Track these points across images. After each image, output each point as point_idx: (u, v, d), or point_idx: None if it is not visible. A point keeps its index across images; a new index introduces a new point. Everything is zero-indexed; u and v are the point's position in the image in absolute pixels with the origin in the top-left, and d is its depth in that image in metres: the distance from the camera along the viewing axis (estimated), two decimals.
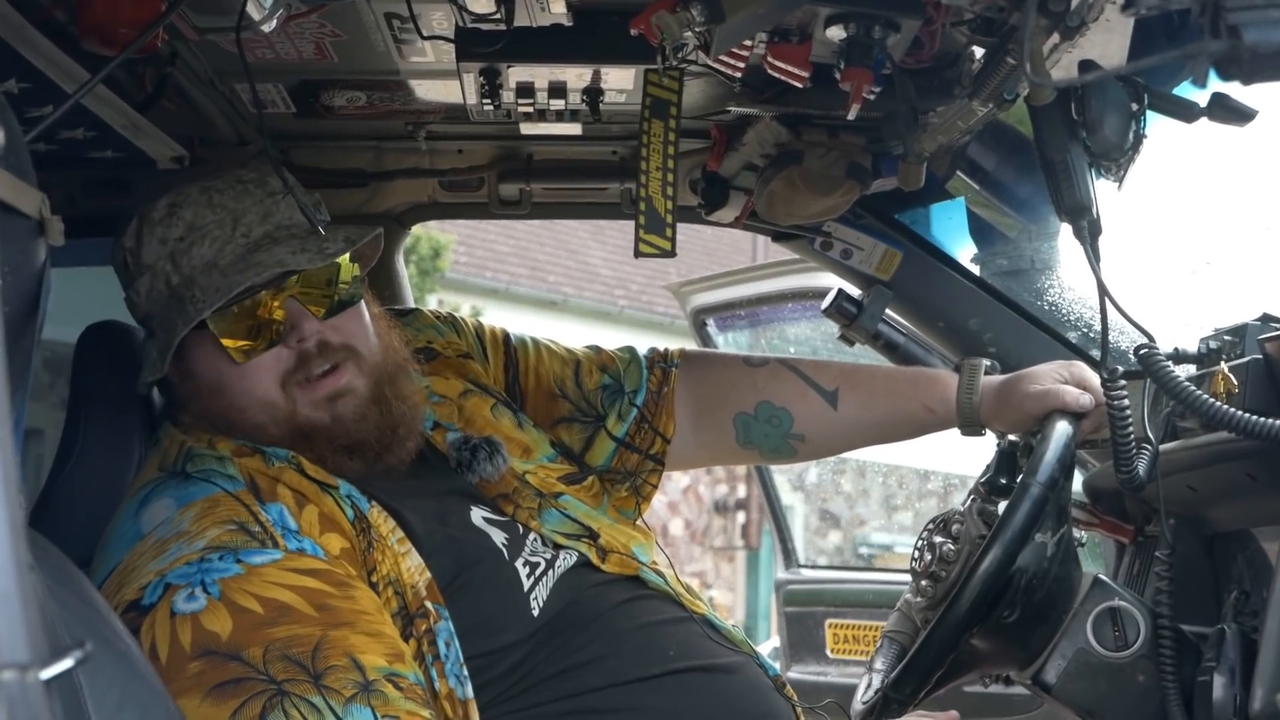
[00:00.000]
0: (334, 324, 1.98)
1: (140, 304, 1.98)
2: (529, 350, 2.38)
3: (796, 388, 2.36)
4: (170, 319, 1.92)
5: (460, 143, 2.73)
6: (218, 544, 1.76)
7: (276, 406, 1.94)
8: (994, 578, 1.91)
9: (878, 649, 2.25)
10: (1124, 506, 2.42)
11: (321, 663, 1.67)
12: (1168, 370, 1.94)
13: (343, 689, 1.65)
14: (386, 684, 1.68)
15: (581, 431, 2.33)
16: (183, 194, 1.95)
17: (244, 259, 1.92)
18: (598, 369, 2.39)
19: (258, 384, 1.94)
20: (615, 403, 2.35)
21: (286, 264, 1.92)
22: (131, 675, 1.29)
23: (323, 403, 1.95)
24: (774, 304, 4.43)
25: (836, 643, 4.31)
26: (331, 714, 1.63)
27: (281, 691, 1.64)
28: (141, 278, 1.96)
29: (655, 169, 2.08)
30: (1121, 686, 2.01)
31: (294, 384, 1.95)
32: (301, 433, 1.95)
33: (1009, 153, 2.68)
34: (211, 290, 1.89)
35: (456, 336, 2.33)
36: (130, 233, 1.97)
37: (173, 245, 1.93)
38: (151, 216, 1.95)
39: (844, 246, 2.77)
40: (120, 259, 1.99)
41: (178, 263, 1.93)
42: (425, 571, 1.88)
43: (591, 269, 17.78)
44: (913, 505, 13.94)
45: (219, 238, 1.93)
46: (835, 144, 2.37)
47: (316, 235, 1.97)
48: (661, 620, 2.01)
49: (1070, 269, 2.92)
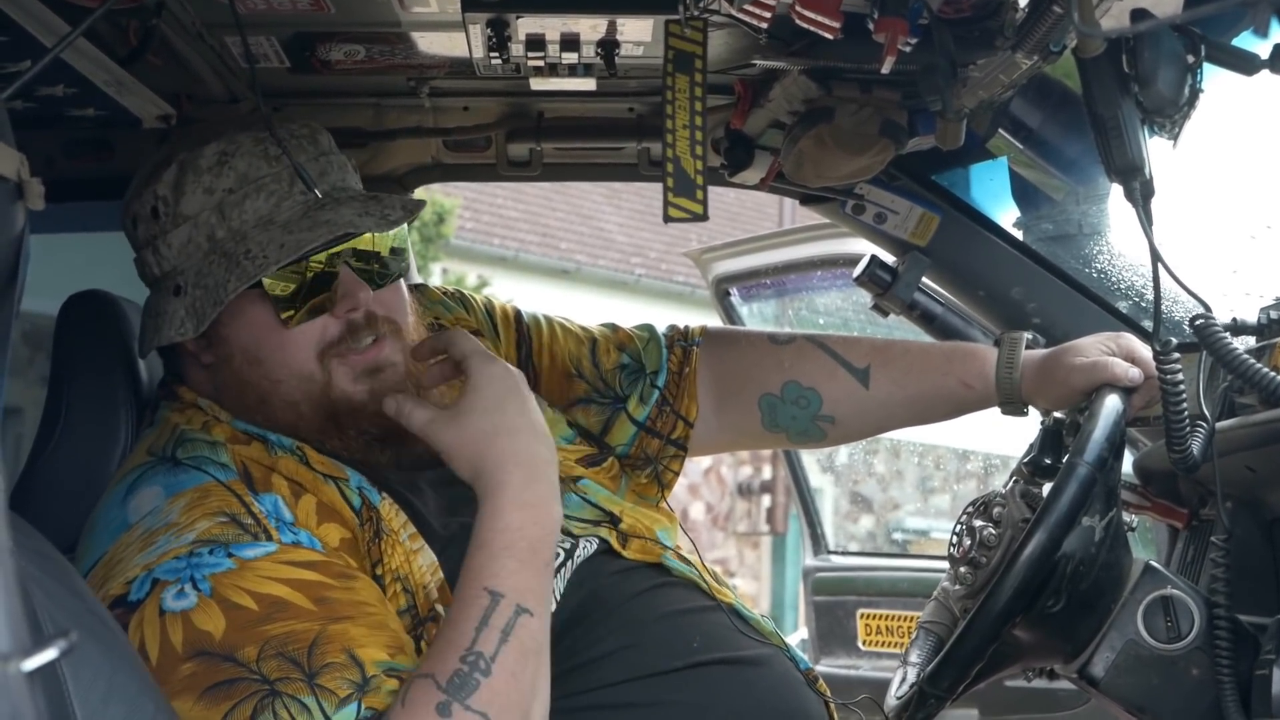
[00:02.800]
0: (380, 296, 2.00)
1: (168, 257, 1.96)
2: (542, 328, 2.39)
3: (825, 366, 2.37)
4: (214, 275, 1.91)
5: (466, 100, 2.72)
6: (207, 537, 1.76)
7: (313, 380, 1.95)
8: (1038, 564, 1.90)
9: (913, 641, 2.25)
10: (1177, 489, 2.42)
11: (318, 660, 1.67)
12: (1225, 342, 1.93)
13: (338, 689, 1.66)
14: (387, 679, 1.68)
15: (600, 413, 2.34)
16: (235, 142, 1.94)
17: (307, 216, 1.92)
18: (615, 348, 2.40)
19: (297, 353, 1.94)
20: (637, 384, 2.36)
21: (356, 226, 1.92)
22: (118, 667, 1.29)
23: (363, 375, 1.96)
24: (802, 272, 4.43)
25: (869, 634, 4.32)
26: (322, 715, 1.64)
27: (274, 691, 1.65)
28: (178, 229, 1.94)
29: (682, 127, 2.07)
30: (1174, 680, 2.01)
31: (333, 355, 1.95)
32: (334, 414, 1.95)
33: (1055, 109, 2.67)
34: (274, 246, 1.89)
35: (465, 313, 2.34)
36: (168, 179, 1.95)
37: (221, 196, 1.92)
38: (198, 164, 1.93)
39: (877, 210, 2.77)
40: (147, 208, 1.97)
41: (226, 215, 1.92)
42: (438, 571, 1.89)
43: (606, 235, 17.78)
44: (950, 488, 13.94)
45: (276, 192, 1.93)
46: (868, 100, 2.36)
47: (376, 200, 1.98)
48: (685, 609, 2.02)
49: (1120, 234, 2.92)
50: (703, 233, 14.80)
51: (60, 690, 1.14)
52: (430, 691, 1.63)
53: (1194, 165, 2.25)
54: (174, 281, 1.95)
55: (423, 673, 1.66)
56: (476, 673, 1.64)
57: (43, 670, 0.79)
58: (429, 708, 1.62)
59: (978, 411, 2.36)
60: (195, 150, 1.95)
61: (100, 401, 2.16)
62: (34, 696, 0.77)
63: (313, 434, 1.95)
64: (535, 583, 1.73)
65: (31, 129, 2.45)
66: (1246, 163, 2.94)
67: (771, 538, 16.11)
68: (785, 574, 16.11)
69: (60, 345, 2.20)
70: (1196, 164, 2.28)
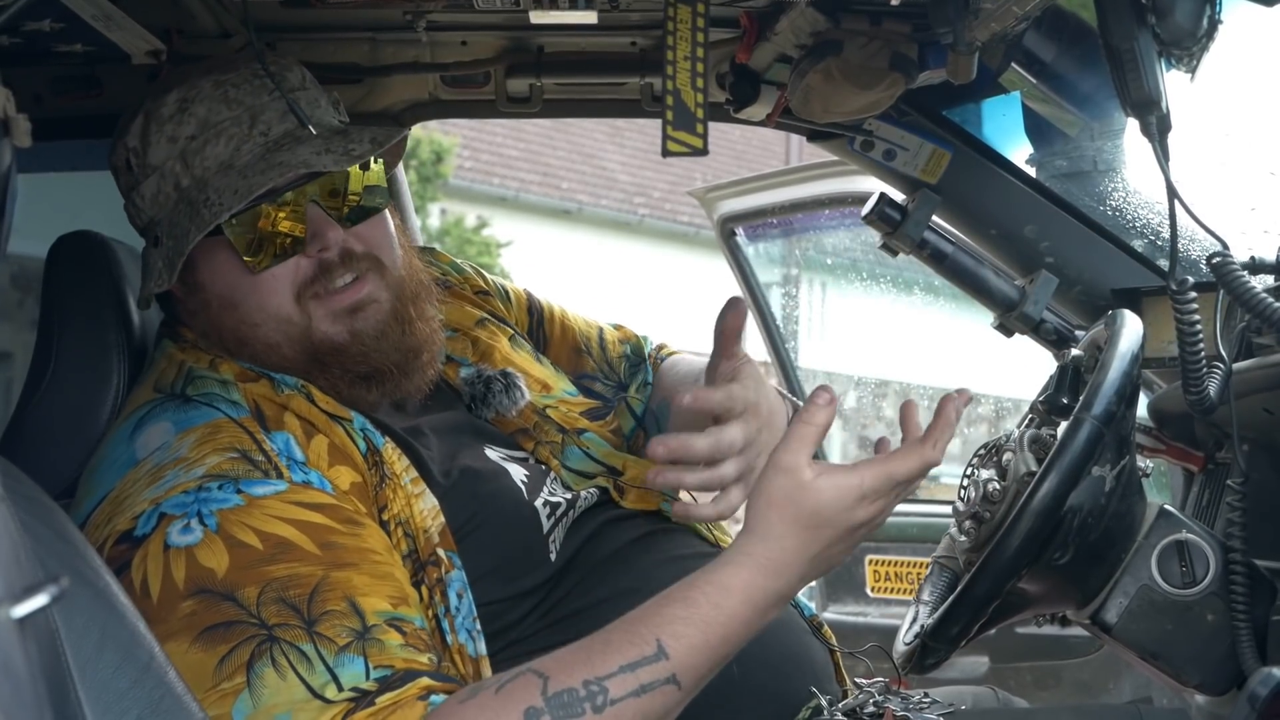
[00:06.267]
0: (357, 232, 1.99)
1: (144, 209, 1.98)
2: (553, 307, 2.44)
3: None
4: (180, 225, 1.91)
5: (464, 34, 2.70)
6: (217, 472, 1.77)
7: (291, 322, 1.95)
8: (1043, 520, 1.89)
9: (927, 577, 2.25)
10: (1193, 431, 2.42)
11: (318, 607, 1.67)
12: (1243, 281, 1.92)
13: (336, 636, 1.66)
14: (387, 630, 1.68)
15: (605, 393, 2.38)
16: (195, 88, 1.94)
17: (264, 159, 1.91)
18: (619, 340, 2.46)
19: (272, 296, 1.94)
20: (636, 375, 2.41)
21: (311, 164, 1.91)
22: (111, 614, 1.29)
23: (342, 315, 1.96)
24: (809, 211, 4.42)
25: (877, 580, 4.34)
26: (321, 663, 1.64)
27: (272, 637, 1.65)
28: (148, 180, 1.95)
29: (683, 59, 2.06)
30: (1189, 626, 2.01)
31: (310, 296, 1.95)
32: (317, 355, 1.95)
33: (1069, 42, 2.66)
34: (229, 192, 1.89)
35: (476, 278, 2.37)
36: (135, 131, 1.96)
37: (183, 144, 1.93)
38: (160, 113, 1.94)
39: (887, 147, 2.75)
40: (122, 160, 1.98)
41: (189, 163, 1.92)
42: (439, 515, 1.89)
43: (609, 174, 17.73)
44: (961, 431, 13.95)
45: (235, 135, 1.93)
46: (878, 33, 2.35)
47: (342, 135, 1.96)
48: (685, 555, 2.02)
49: (1136, 170, 2.90)
50: (708, 171, 14.77)
51: (52, 637, 1.14)
52: (532, 692, 1.58)
53: (1212, 99, 2.24)
54: (153, 233, 1.97)
55: (538, 670, 1.61)
56: (589, 705, 1.58)
57: (34, 617, 0.79)
58: (519, 707, 1.57)
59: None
60: (158, 99, 1.95)
61: (91, 344, 2.16)
62: (24, 644, 0.77)
63: (298, 376, 1.95)
64: (705, 669, 1.65)
65: (18, 65, 2.44)
66: (1266, 97, 2.92)
67: None
68: None
69: (50, 288, 2.20)
70: (1215, 98, 2.27)
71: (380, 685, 1.63)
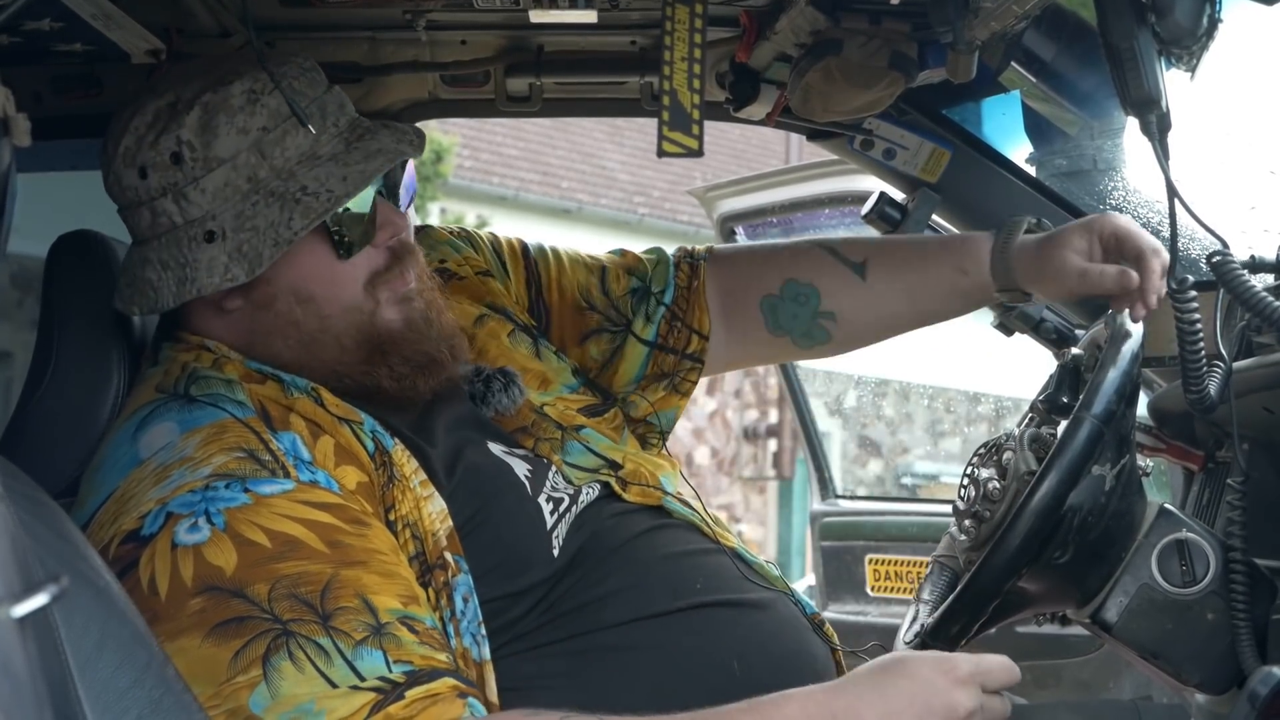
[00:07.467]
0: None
1: (198, 203, 1.91)
2: (549, 261, 2.40)
3: (823, 262, 2.39)
4: (264, 216, 1.89)
5: (463, 33, 2.70)
6: (224, 471, 1.76)
7: (361, 311, 1.97)
8: (1042, 520, 1.89)
9: (927, 576, 2.25)
10: (1193, 430, 2.42)
11: (331, 603, 1.68)
12: (1243, 279, 1.93)
13: (353, 631, 1.66)
14: (400, 627, 1.69)
15: (610, 342, 2.36)
16: (258, 80, 1.93)
17: (355, 148, 1.94)
18: (625, 273, 2.41)
19: (349, 286, 1.96)
20: (641, 305, 2.38)
21: (405, 152, 1.96)
22: (112, 614, 1.29)
23: (402, 303, 2.00)
24: (809, 210, 4.41)
25: (877, 580, 4.34)
26: (340, 656, 1.64)
27: (287, 632, 1.65)
28: (213, 173, 1.90)
29: (680, 59, 2.06)
30: (1189, 625, 2.01)
31: (381, 285, 1.98)
32: (379, 344, 1.97)
33: (1069, 41, 2.66)
34: (335, 180, 1.90)
35: (474, 252, 2.34)
36: (190, 124, 1.91)
37: (256, 135, 1.91)
38: (229, 104, 1.91)
39: (886, 145, 2.75)
40: (165, 155, 1.91)
41: (266, 154, 1.91)
42: (447, 519, 1.89)
43: (608, 174, 17.73)
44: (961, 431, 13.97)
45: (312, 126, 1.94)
46: (877, 32, 2.35)
47: (398, 127, 2.00)
48: (687, 551, 2.03)
49: (1136, 169, 2.90)
50: (708, 171, 14.78)
51: (51, 637, 1.14)
52: None
53: (1212, 99, 2.24)
54: (204, 228, 1.91)
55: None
56: None
57: (33, 617, 0.79)
58: None
59: (981, 303, 2.39)
60: (219, 91, 1.92)
61: (92, 344, 2.16)
62: (24, 643, 0.78)
63: (355, 368, 1.96)
64: None
65: (18, 64, 2.44)
66: (1266, 96, 2.92)
67: (778, 482, 16.16)
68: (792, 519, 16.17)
69: (50, 287, 2.20)
70: (1215, 97, 2.27)
71: (408, 679, 1.64)
